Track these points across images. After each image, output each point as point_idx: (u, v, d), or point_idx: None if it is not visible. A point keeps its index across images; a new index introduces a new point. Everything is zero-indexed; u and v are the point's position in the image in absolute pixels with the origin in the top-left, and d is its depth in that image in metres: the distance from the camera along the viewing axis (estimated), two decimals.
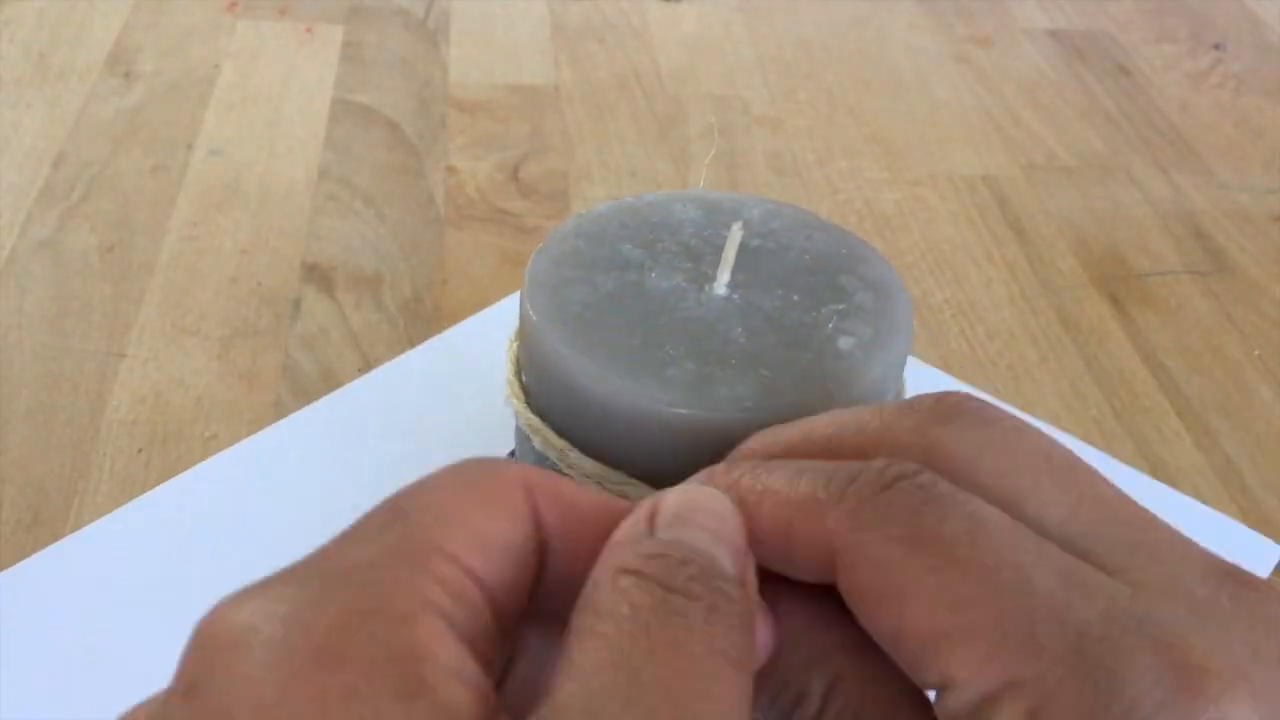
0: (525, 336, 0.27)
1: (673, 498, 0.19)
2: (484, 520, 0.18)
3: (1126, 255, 0.58)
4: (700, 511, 0.18)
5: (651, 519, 0.18)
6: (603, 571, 0.17)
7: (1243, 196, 0.63)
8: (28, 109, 0.62)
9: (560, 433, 0.26)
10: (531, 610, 0.19)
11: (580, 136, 0.64)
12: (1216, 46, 0.78)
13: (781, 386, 0.25)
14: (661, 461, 0.25)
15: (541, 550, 0.19)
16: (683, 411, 0.24)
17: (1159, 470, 0.46)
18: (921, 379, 0.49)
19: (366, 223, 0.56)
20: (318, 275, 0.53)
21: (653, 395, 0.24)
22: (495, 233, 0.56)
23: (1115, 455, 0.46)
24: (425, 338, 0.49)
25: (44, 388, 0.46)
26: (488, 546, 0.18)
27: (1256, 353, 0.53)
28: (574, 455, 0.26)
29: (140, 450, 0.43)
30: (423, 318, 0.51)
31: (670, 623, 0.16)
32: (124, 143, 0.60)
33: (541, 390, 0.27)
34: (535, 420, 0.27)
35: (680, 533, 0.18)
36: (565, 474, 0.26)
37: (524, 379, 0.28)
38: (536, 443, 0.27)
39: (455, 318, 0.50)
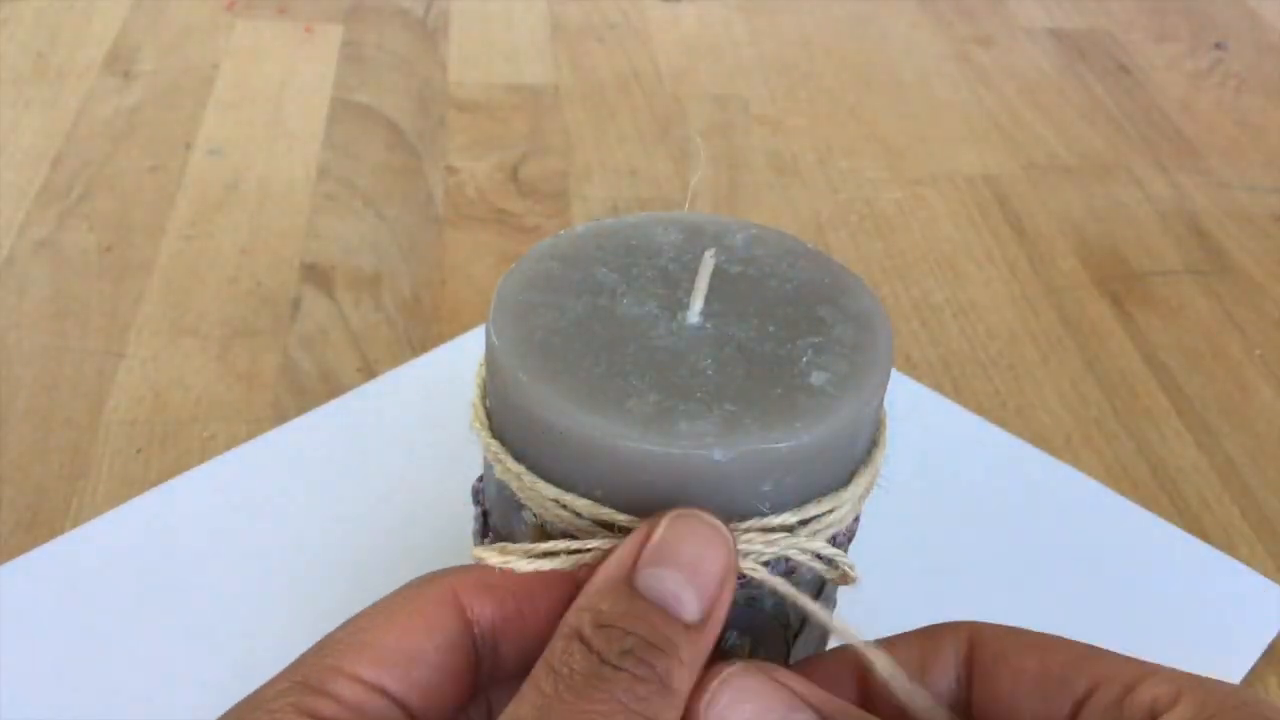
0: (488, 360, 0.27)
1: (661, 531, 0.22)
2: (393, 638, 0.22)
3: (1127, 255, 0.58)
4: (685, 544, 0.22)
5: (641, 546, 0.22)
6: (565, 626, 0.21)
7: (1244, 196, 0.63)
8: (26, 108, 0.62)
9: (520, 459, 0.26)
10: (507, 679, 0.23)
11: (580, 136, 0.64)
12: (1217, 45, 0.78)
13: (746, 422, 0.24)
14: (621, 492, 0.24)
15: (474, 640, 0.23)
16: (639, 446, 0.23)
17: (1159, 470, 0.46)
18: (907, 395, 0.49)
19: (366, 222, 0.56)
20: (317, 275, 0.52)
21: (609, 428, 0.23)
22: (495, 232, 0.56)
23: (1115, 455, 0.46)
24: (424, 338, 0.49)
25: (43, 388, 0.46)
26: (395, 659, 0.22)
27: (1258, 352, 0.53)
28: (528, 478, 0.25)
29: (139, 450, 0.43)
30: (422, 318, 0.50)
31: (597, 689, 0.20)
32: (123, 142, 0.60)
33: (502, 416, 0.26)
34: (495, 445, 0.26)
35: (655, 575, 0.22)
36: (522, 499, 0.26)
37: (488, 403, 0.27)
38: (496, 469, 0.26)
39: (454, 318, 0.50)
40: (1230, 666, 0.38)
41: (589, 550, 0.24)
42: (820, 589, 0.28)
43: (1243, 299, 0.56)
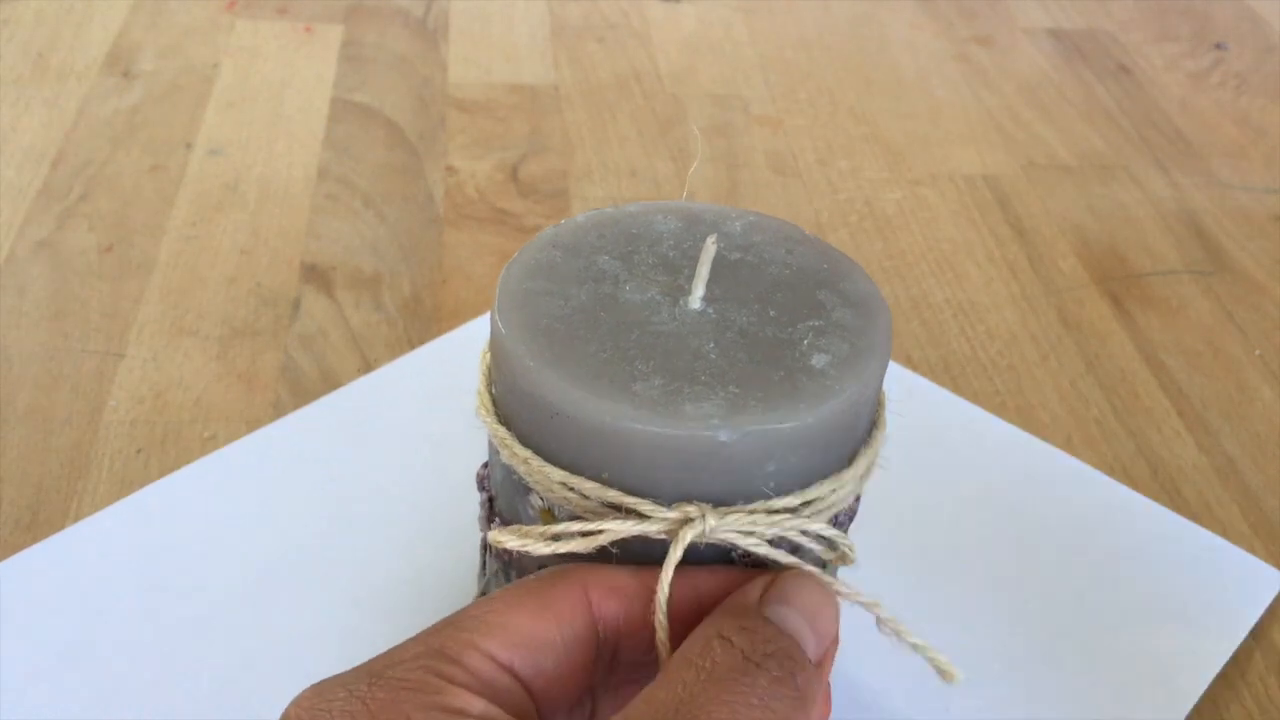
0: (494, 348, 0.27)
1: (790, 582, 0.23)
2: (525, 623, 0.23)
3: (1127, 255, 0.58)
4: (805, 596, 0.23)
5: (766, 590, 0.23)
6: (703, 631, 0.22)
7: (1244, 196, 0.63)
8: (26, 109, 0.62)
9: (527, 444, 0.26)
10: (617, 682, 0.25)
11: (580, 136, 0.64)
12: (1218, 46, 0.78)
13: (750, 404, 0.24)
14: (628, 474, 0.24)
15: (597, 638, 0.24)
16: (646, 428, 0.24)
17: (1159, 470, 0.46)
18: (906, 386, 0.49)
19: (366, 222, 0.56)
20: (317, 275, 0.52)
21: (617, 411, 0.24)
22: (495, 232, 0.56)
23: (1115, 455, 0.46)
24: (425, 338, 0.49)
25: (43, 388, 0.46)
26: (526, 643, 0.22)
27: (1257, 352, 0.53)
28: (536, 462, 0.25)
29: (139, 450, 0.43)
30: (422, 318, 0.50)
31: (740, 681, 0.20)
32: (123, 142, 0.60)
33: (509, 403, 0.26)
34: (502, 430, 0.26)
35: (780, 611, 0.22)
36: (530, 483, 0.26)
37: (494, 390, 0.28)
38: (504, 455, 0.27)
39: (455, 317, 0.50)
40: (1218, 645, 0.38)
41: (602, 533, 0.24)
42: (823, 568, 0.28)
43: (1243, 299, 0.56)
